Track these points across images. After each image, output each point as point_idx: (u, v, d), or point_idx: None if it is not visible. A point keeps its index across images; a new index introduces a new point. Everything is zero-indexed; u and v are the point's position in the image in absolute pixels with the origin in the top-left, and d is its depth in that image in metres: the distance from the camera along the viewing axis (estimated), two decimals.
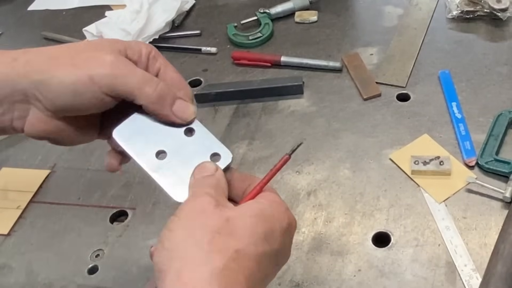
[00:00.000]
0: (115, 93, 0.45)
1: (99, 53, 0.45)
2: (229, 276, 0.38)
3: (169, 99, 0.47)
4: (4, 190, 0.76)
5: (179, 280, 0.38)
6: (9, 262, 0.68)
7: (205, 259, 0.39)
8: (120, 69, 0.45)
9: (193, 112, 0.48)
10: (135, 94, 0.45)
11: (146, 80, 0.46)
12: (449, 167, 0.69)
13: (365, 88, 0.82)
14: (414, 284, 0.60)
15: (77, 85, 0.44)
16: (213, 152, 0.47)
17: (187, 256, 0.39)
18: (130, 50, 0.47)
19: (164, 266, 0.40)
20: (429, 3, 0.97)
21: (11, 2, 1.16)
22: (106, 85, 0.44)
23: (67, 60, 0.45)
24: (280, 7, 0.98)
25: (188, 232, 0.40)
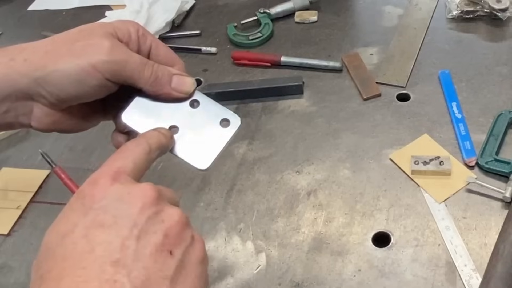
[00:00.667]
0: (117, 78, 0.45)
1: (95, 39, 0.46)
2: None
3: (166, 78, 0.47)
4: (4, 190, 0.76)
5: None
6: (9, 262, 0.68)
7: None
8: (119, 54, 0.45)
9: (192, 84, 0.49)
10: (134, 78, 0.46)
11: (143, 63, 0.46)
12: (449, 167, 0.69)
13: (365, 88, 0.82)
14: (414, 284, 0.60)
15: (81, 74, 0.44)
16: (222, 119, 0.48)
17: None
18: (120, 31, 0.48)
19: None
20: (429, 3, 0.97)
21: (11, 2, 1.16)
22: (108, 71, 0.45)
23: (64, 51, 0.45)
24: (280, 7, 0.98)
25: None
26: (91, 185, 0.39)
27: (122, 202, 0.38)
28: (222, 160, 0.75)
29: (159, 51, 0.50)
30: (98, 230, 0.36)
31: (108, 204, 0.37)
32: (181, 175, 0.74)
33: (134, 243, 0.36)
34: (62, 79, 0.45)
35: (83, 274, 0.34)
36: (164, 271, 0.36)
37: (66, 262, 0.35)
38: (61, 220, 0.39)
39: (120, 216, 0.37)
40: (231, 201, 0.71)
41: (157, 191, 0.39)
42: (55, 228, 0.38)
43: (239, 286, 0.62)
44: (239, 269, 0.64)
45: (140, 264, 0.35)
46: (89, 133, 0.53)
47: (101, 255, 0.35)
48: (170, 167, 0.74)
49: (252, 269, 0.63)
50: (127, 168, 0.41)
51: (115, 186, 0.39)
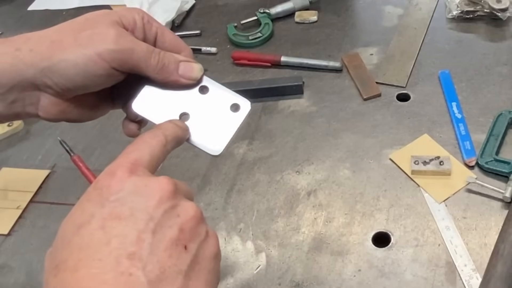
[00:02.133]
0: (123, 67, 0.45)
1: (100, 28, 0.46)
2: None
3: (173, 65, 0.47)
4: (4, 190, 0.76)
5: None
6: (9, 262, 0.68)
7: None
8: (125, 43, 0.45)
9: (199, 69, 0.48)
10: (141, 67, 0.46)
11: (149, 51, 0.46)
12: (449, 167, 0.69)
13: (365, 88, 0.82)
14: (414, 284, 0.60)
15: (88, 64, 0.44)
16: (232, 103, 0.48)
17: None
18: (125, 19, 0.47)
19: None
20: (429, 3, 0.97)
21: (11, 2, 1.16)
22: (115, 60, 0.45)
23: (71, 41, 0.45)
24: (280, 7, 0.98)
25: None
26: (108, 176, 0.39)
27: (139, 195, 0.37)
28: (222, 160, 0.75)
29: (165, 38, 0.49)
30: (114, 222, 0.36)
31: (125, 196, 0.37)
32: (180, 175, 0.74)
33: (150, 237, 0.36)
34: (68, 69, 0.44)
35: (99, 266, 0.34)
36: (178, 266, 0.36)
37: (82, 253, 0.35)
38: (77, 210, 0.38)
39: (137, 208, 0.37)
40: (231, 201, 0.71)
41: (174, 184, 0.39)
42: (71, 218, 0.38)
43: (239, 286, 0.62)
44: (239, 269, 0.64)
45: (155, 258, 0.35)
46: (89, 133, 0.53)
47: (117, 248, 0.35)
48: (170, 166, 0.74)
49: (252, 269, 0.63)
50: (144, 160, 0.40)
51: (132, 178, 0.38)
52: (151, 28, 0.49)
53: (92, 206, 0.38)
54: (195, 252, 0.38)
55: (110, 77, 0.46)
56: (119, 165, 0.39)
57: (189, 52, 0.50)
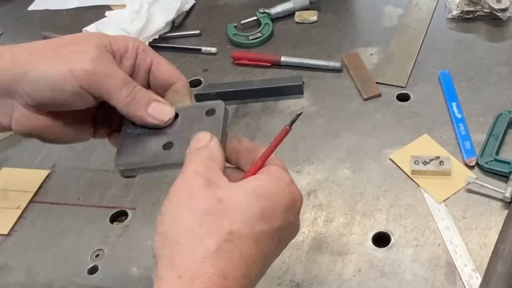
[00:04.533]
0: (93, 90, 0.45)
1: (83, 47, 0.45)
2: (224, 257, 0.38)
3: (143, 101, 0.46)
4: (4, 190, 0.76)
5: (171, 265, 0.38)
6: (9, 262, 0.68)
7: (196, 242, 0.38)
8: (100, 67, 0.45)
9: (169, 114, 0.47)
10: (111, 94, 0.45)
11: (124, 82, 0.46)
12: (449, 167, 0.69)
13: (365, 88, 0.82)
14: (414, 284, 0.60)
15: (58, 77, 0.44)
16: (206, 111, 0.47)
17: (178, 240, 0.39)
18: (115, 44, 0.47)
19: (158, 251, 0.39)
20: (429, 3, 0.97)
21: (11, 2, 1.16)
22: (85, 80, 0.44)
23: (50, 53, 0.45)
24: (280, 7, 0.98)
25: (178, 215, 0.40)
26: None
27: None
28: None
29: (161, 67, 0.49)
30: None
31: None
32: None
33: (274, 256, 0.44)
34: (38, 79, 0.44)
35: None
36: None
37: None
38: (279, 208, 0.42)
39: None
40: None
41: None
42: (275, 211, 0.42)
43: None
44: None
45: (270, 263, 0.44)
46: None
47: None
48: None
49: None
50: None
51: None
52: (146, 58, 0.48)
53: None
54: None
55: (79, 97, 0.45)
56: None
57: (185, 83, 0.50)
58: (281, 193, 0.42)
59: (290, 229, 0.44)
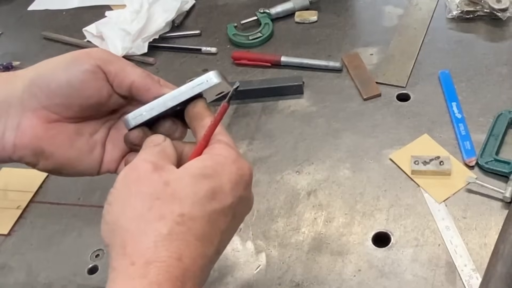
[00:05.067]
0: (108, 67, 0.46)
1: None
2: (177, 239, 0.38)
3: (156, 79, 0.48)
4: (4, 190, 0.76)
5: (122, 253, 0.38)
6: (9, 262, 0.68)
7: (147, 227, 0.38)
8: (111, 53, 0.48)
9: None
10: (127, 71, 0.47)
11: (145, 72, 0.48)
12: (449, 167, 0.69)
13: (365, 88, 0.82)
14: (414, 284, 0.60)
15: (74, 56, 0.46)
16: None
17: (128, 227, 0.39)
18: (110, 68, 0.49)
19: (108, 241, 0.40)
20: (429, 3, 0.97)
21: (11, 2, 1.16)
22: (100, 58, 0.46)
23: (66, 56, 0.47)
24: (280, 7, 0.98)
25: (125, 202, 0.40)
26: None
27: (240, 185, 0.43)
28: None
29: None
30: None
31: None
32: None
33: (231, 233, 0.44)
34: (53, 65, 0.46)
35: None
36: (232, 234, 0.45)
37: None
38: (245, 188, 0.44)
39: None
40: None
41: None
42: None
43: (239, 286, 0.62)
44: (239, 269, 0.64)
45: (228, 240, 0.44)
46: None
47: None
48: None
49: (252, 269, 0.63)
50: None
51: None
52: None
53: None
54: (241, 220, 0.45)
55: (94, 77, 0.46)
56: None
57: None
58: (228, 170, 0.42)
59: (244, 204, 0.44)
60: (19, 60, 0.96)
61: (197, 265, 0.39)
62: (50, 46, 1.00)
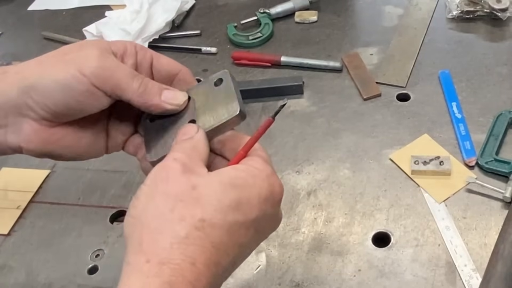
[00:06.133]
0: (104, 86, 0.45)
1: (86, 51, 0.46)
2: (193, 244, 0.38)
3: (156, 89, 0.47)
4: (4, 190, 0.76)
5: (139, 249, 0.38)
6: (9, 262, 0.68)
7: (165, 227, 0.38)
8: (107, 62, 0.45)
9: (183, 96, 0.48)
10: (123, 88, 0.45)
11: (133, 74, 0.46)
12: (449, 167, 0.69)
13: (365, 88, 0.82)
14: (414, 284, 0.60)
15: (68, 79, 0.44)
16: (214, 82, 0.48)
17: (148, 224, 0.39)
18: (114, 46, 0.48)
19: (128, 234, 0.40)
20: (429, 3, 0.97)
21: (11, 2, 1.16)
22: (95, 77, 0.44)
23: (54, 60, 0.46)
24: (280, 7, 0.98)
25: (150, 199, 0.40)
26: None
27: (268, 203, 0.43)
28: None
29: (162, 60, 0.50)
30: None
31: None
32: None
33: (250, 248, 0.44)
34: (49, 85, 0.44)
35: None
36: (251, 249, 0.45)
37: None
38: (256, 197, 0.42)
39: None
40: None
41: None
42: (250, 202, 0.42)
43: (239, 286, 0.62)
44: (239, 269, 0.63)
45: (245, 255, 0.45)
46: None
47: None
48: None
49: (252, 269, 0.63)
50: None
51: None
52: (145, 54, 0.49)
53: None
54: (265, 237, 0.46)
55: (91, 96, 0.45)
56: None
57: (187, 72, 0.50)
58: (259, 184, 0.42)
59: (269, 221, 0.44)
60: (19, 60, 0.96)
61: (211, 272, 0.39)
62: (50, 46, 1.00)
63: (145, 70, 0.49)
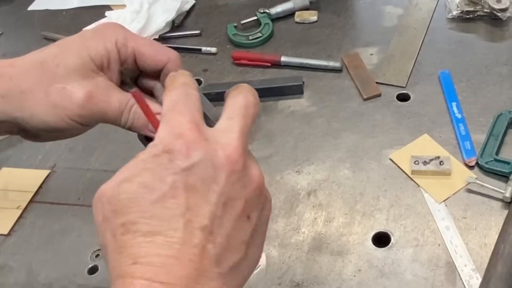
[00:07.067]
0: (94, 122, 0.49)
1: (71, 81, 0.46)
2: (127, 249, 0.35)
3: (142, 121, 0.48)
4: (4, 190, 0.76)
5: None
6: (9, 262, 0.68)
7: (106, 254, 0.38)
8: (95, 106, 0.47)
9: None
10: (112, 123, 0.48)
11: (120, 111, 0.47)
12: (449, 167, 0.69)
13: (365, 88, 0.82)
14: (414, 284, 0.60)
15: (58, 123, 0.47)
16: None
17: (104, 257, 0.40)
18: (97, 57, 0.47)
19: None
20: (429, 3, 0.97)
21: (11, 2, 1.16)
22: (85, 121, 0.47)
23: (41, 96, 0.46)
24: (280, 7, 0.98)
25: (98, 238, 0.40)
26: (178, 139, 0.36)
27: (210, 165, 0.36)
28: None
29: (143, 56, 0.48)
30: (188, 193, 0.35)
31: (197, 165, 0.36)
32: None
33: (221, 211, 0.36)
34: (40, 125, 0.47)
35: (174, 236, 0.34)
36: (242, 237, 0.37)
37: (155, 220, 0.34)
38: (146, 172, 0.36)
39: (209, 180, 0.36)
40: None
41: (243, 150, 0.39)
42: (139, 178, 0.36)
43: None
44: None
45: (224, 231, 0.36)
46: (89, 133, 0.53)
47: (191, 220, 0.35)
48: None
49: None
50: (200, 117, 0.39)
51: (202, 143, 0.36)
52: (126, 51, 0.48)
53: (164, 172, 0.35)
54: (255, 220, 0.38)
55: (85, 128, 0.49)
56: (184, 124, 0.37)
57: (176, 58, 0.49)
58: (152, 153, 0.37)
59: (202, 174, 0.36)
60: None
61: (163, 256, 0.34)
62: None
63: (131, 67, 0.49)
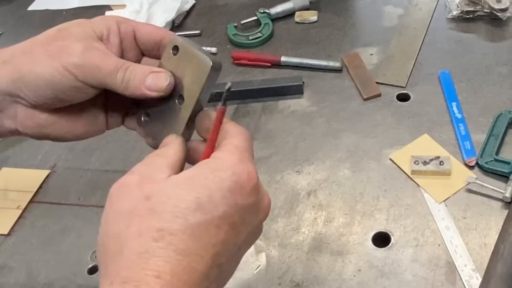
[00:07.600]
0: (91, 82, 0.46)
1: (70, 40, 0.46)
2: (154, 257, 0.36)
3: (138, 79, 0.46)
4: (4, 190, 0.76)
5: (105, 273, 0.37)
6: (9, 262, 0.68)
7: (123, 246, 0.37)
8: (91, 58, 0.45)
9: (165, 79, 0.46)
10: (107, 82, 0.46)
11: (116, 67, 0.46)
12: (449, 167, 0.69)
13: (365, 88, 0.82)
14: (414, 284, 0.60)
15: (54, 75, 0.45)
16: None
17: (109, 247, 0.38)
18: (98, 29, 0.48)
19: (98, 261, 0.39)
20: (429, 3, 0.97)
21: (11, 2, 1.16)
22: (80, 74, 0.45)
23: (41, 51, 0.46)
24: (280, 7, 0.98)
25: (108, 222, 0.39)
26: (245, 174, 0.42)
27: (255, 211, 0.42)
28: None
29: (142, 31, 0.49)
30: (230, 229, 0.40)
31: (249, 207, 0.41)
32: None
33: (237, 250, 0.42)
34: (37, 81, 0.45)
35: (199, 265, 0.38)
36: (238, 243, 0.41)
37: (192, 241, 0.38)
38: (203, 189, 0.39)
39: (247, 224, 0.41)
40: None
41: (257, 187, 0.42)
42: (193, 192, 0.39)
43: (239, 286, 0.62)
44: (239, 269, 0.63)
45: (227, 267, 0.42)
46: None
47: (219, 254, 0.39)
48: None
49: (252, 269, 0.63)
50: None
51: (259, 190, 0.43)
52: (127, 28, 0.49)
53: (221, 200, 0.39)
54: (251, 229, 0.42)
55: (80, 90, 0.46)
56: (252, 167, 0.42)
57: (171, 34, 0.50)
58: (221, 177, 0.39)
59: (248, 211, 0.41)
60: None
61: (183, 280, 0.36)
62: None
63: (130, 44, 0.49)
